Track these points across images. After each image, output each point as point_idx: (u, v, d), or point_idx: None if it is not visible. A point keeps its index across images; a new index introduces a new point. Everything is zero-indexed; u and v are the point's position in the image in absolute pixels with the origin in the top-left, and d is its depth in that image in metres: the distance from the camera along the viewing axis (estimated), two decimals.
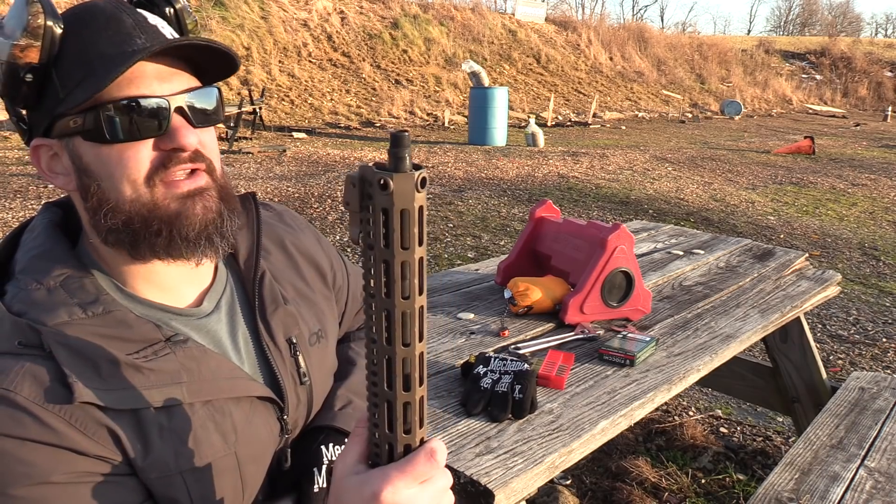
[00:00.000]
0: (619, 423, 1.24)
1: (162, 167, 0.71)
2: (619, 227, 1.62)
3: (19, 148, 8.58)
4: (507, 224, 5.67)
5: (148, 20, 0.73)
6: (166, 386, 0.71)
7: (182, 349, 0.74)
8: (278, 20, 14.48)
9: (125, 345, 0.71)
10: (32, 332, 0.67)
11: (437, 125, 13.45)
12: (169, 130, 0.71)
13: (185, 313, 0.78)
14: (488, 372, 1.26)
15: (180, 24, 0.78)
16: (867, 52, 28.77)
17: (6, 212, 5.26)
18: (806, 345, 2.32)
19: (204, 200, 0.74)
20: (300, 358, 0.85)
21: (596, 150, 10.43)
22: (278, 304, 0.85)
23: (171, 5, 0.77)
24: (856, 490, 1.52)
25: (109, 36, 0.70)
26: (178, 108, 0.72)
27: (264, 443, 0.80)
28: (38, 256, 0.74)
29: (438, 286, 1.88)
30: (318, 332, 0.90)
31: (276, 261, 0.91)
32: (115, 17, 0.71)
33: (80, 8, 0.72)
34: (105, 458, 0.68)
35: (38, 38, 0.67)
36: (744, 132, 15.20)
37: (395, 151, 0.51)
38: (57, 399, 0.66)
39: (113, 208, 0.71)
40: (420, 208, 0.52)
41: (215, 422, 0.74)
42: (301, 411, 0.85)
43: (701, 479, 2.35)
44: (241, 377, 0.78)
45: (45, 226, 0.78)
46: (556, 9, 31.99)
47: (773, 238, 5.68)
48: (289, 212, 1.00)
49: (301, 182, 6.85)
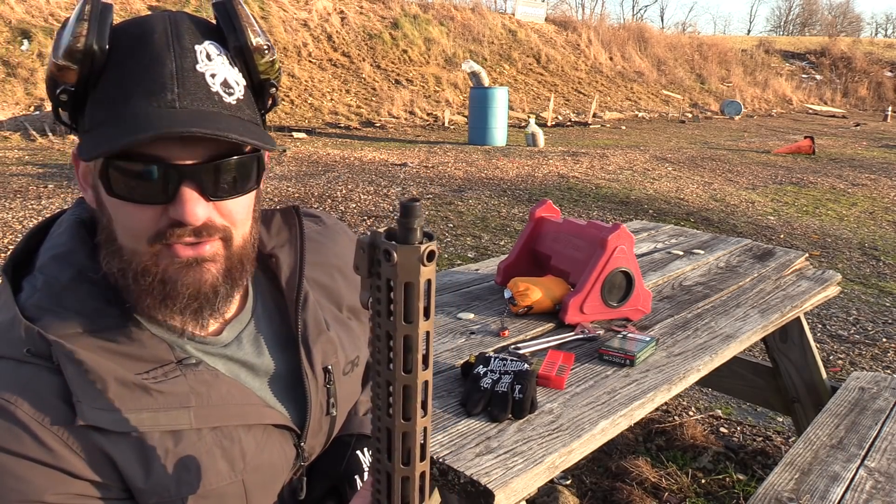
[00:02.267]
0: (619, 423, 1.24)
1: (164, 234, 0.67)
2: (619, 227, 1.62)
3: (19, 148, 8.58)
4: (507, 224, 5.67)
5: (196, 67, 0.66)
6: (174, 409, 0.69)
7: (193, 372, 0.72)
8: (278, 20, 14.48)
9: (135, 364, 0.69)
10: (42, 342, 0.66)
11: (437, 125, 13.45)
12: (176, 201, 0.66)
13: (202, 340, 0.76)
14: (488, 372, 1.26)
15: (248, 63, 0.70)
16: (867, 52, 28.76)
17: (6, 212, 5.26)
18: (806, 345, 2.31)
19: (200, 273, 0.70)
20: (332, 388, 0.83)
21: (596, 150, 10.43)
22: (321, 331, 0.83)
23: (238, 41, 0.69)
24: (856, 490, 1.51)
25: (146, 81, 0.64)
26: (192, 179, 0.66)
27: (276, 470, 0.78)
28: (58, 257, 0.72)
29: (438, 286, 1.88)
30: (354, 360, 0.88)
31: (317, 283, 0.87)
32: (159, 60, 0.65)
33: (136, 28, 0.67)
34: (101, 483, 0.66)
35: (76, 63, 0.64)
36: (744, 132, 15.19)
37: (404, 221, 0.49)
38: (58, 419, 0.64)
39: (115, 251, 0.69)
40: (427, 282, 0.50)
41: (223, 448, 0.72)
42: (320, 439, 0.83)
43: (701, 479, 2.35)
44: (253, 404, 0.76)
45: (71, 223, 0.75)
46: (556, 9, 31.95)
47: (773, 238, 5.67)
48: (336, 224, 0.96)
49: (301, 182, 6.85)
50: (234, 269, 0.73)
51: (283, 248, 0.84)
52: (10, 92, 10.02)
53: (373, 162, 8.53)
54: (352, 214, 5.66)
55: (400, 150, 9.92)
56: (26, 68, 10.50)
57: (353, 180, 7.05)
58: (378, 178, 7.31)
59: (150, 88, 0.64)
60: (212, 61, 0.67)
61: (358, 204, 6.02)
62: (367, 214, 5.69)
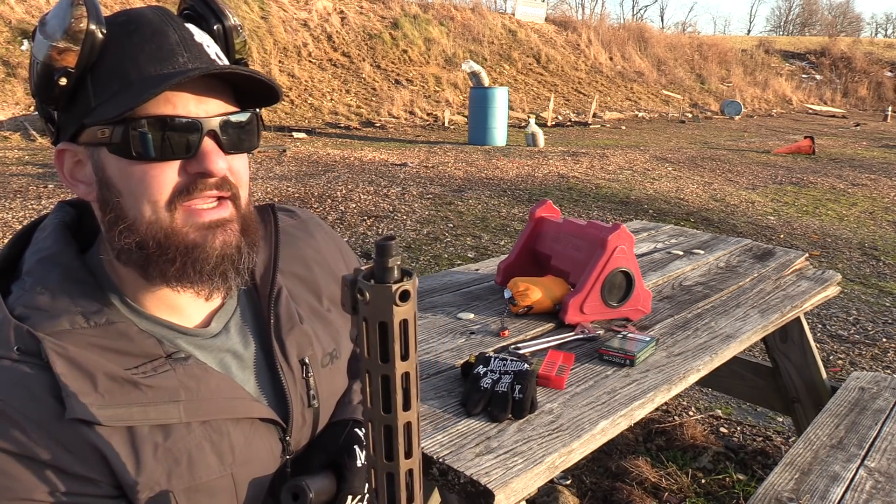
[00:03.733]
0: (619, 423, 1.24)
1: (186, 192, 0.69)
2: (619, 227, 1.62)
3: (19, 148, 8.58)
4: (507, 224, 5.67)
5: (194, 37, 0.70)
6: (163, 404, 0.70)
7: (182, 366, 0.72)
8: (278, 20, 14.48)
9: (125, 359, 0.70)
10: (32, 340, 0.66)
11: (437, 125, 13.45)
12: (199, 154, 0.69)
13: (191, 333, 0.77)
14: (488, 372, 1.26)
15: (228, 42, 0.76)
16: (867, 52, 28.75)
17: (6, 212, 5.26)
18: (806, 345, 2.31)
19: (225, 234, 0.72)
20: (311, 380, 0.83)
21: (596, 150, 10.43)
22: (294, 324, 0.83)
23: (220, 22, 0.75)
24: (856, 490, 1.51)
25: (152, 50, 0.67)
26: (211, 132, 0.69)
27: (264, 464, 0.78)
28: (44, 259, 0.73)
29: (438, 286, 1.88)
30: (332, 352, 0.88)
31: (294, 276, 0.88)
32: (161, 31, 0.68)
33: (126, 15, 0.70)
34: (91, 479, 0.67)
35: (78, 43, 0.65)
36: (744, 132, 15.19)
37: (379, 261, 0.49)
38: (48, 416, 0.65)
39: (129, 227, 0.69)
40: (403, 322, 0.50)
41: (212, 442, 0.73)
42: (305, 432, 0.84)
43: (701, 479, 2.35)
44: (241, 398, 0.76)
45: (56, 227, 0.76)
46: (556, 9, 32.01)
47: (773, 238, 5.68)
48: (313, 219, 0.97)
49: (301, 182, 6.85)
50: (248, 228, 0.76)
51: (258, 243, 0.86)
52: (10, 92, 10.02)
53: (373, 162, 8.53)
54: (352, 214, 5.66)
55: (400, 150, 9.92)
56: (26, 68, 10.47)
57: (353, 180, 7.05)
58: (378, 178, 7.31)
59: (159, 56, 0.67)
60: (204, 36, 0.73)
61: (358, 204, 6.02)
62: (367, 214, 5.69)
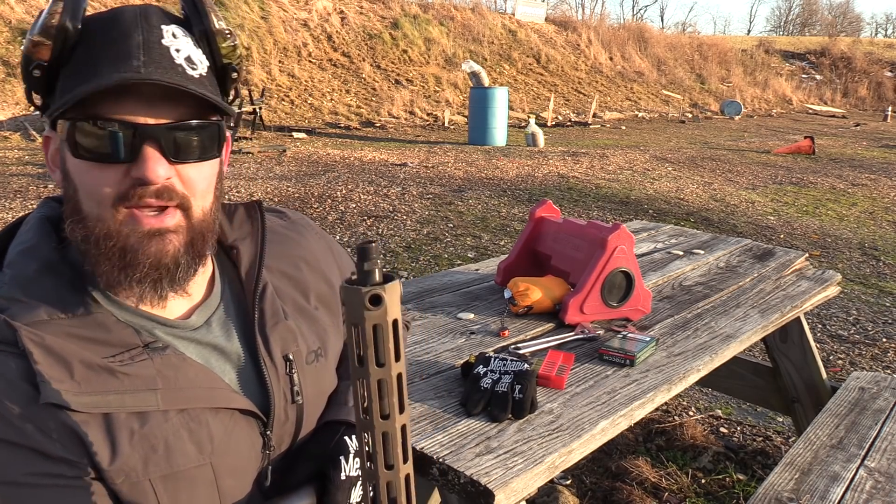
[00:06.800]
0: (619, 423, 1.24)
1: (126, 197, 0.70)
2: (619, 227, 1.62)
3: (19, 148, 8.58)
4: (507, 224, 5.67)
5: (161, 41, 0.70)
6: (140, 392, 0.70)
7: (160, 356, 0.73)
8: (278, 20, 14.48)
9: (102, 348, 0.70)
10: (9, 329, 0.67)
11: (437, 125, 13.45)
12: (138, 160, 0.69)
13: (170, 324, 0.77)
14: (488, 372, 1.26)
15: (211, 46, 0.75)
16: (867, 52, 28.75)
17: (6, 212, 5.26)
18: (806, 345, 2.31)
19: (162, 244, 0.71)
20: (295, 376, 0.84)
21: (596, 150, 10.43)
22: (278, 319, 0.84)
23: (202, 25, 0.74)
24: (856, 490, 1.51)
25: (114, 52, 0.69)
26: (153, 139, 0.69)
27: (245, 457, 0.78)
28: (24, 252, 0.74)
29: (438, 286, 1.88)
30: (317, 350, 0.88)
31: (282, 273, 0.89)
32: (126, 33, 0.69)
33: (107, 14, 0.72)
34: (69, 461, 0.67)
35: (50, 38, 0.68)
36: (744, 132, 15.19)
37: (358, 264, 0.49)
38: (22, 398, 0.65)
39: (80, 220, 0.71)
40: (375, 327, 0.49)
41: (190, 430, 0.73)
42: (288, 429, 0.83)
43: (701, 479, 2.35)
44: (220, 388, 0.77)
45: (37, 220, 0.77)
46: (556, 9, 31.99)
47: (773, 238, 5.68)
48: (303, 220, 0.98)
49: (301, 182, 6.86)
50: (196, 241, 0.74)
51: (244, 240, 0.87)
52: (10, 92, 10.01)
53: (373, 162, 8.53)
54: (352, 214, 5.66)
55: (400, 150, 9.93)
56: None
57: (353, 180, 7.05)
58: (378, 178, 7.31)
59: (116, 57, 0.68)
60: (177, 39, 0.72)
61: (358, 204, 6.02)
62: (367, 214, 5.69)
